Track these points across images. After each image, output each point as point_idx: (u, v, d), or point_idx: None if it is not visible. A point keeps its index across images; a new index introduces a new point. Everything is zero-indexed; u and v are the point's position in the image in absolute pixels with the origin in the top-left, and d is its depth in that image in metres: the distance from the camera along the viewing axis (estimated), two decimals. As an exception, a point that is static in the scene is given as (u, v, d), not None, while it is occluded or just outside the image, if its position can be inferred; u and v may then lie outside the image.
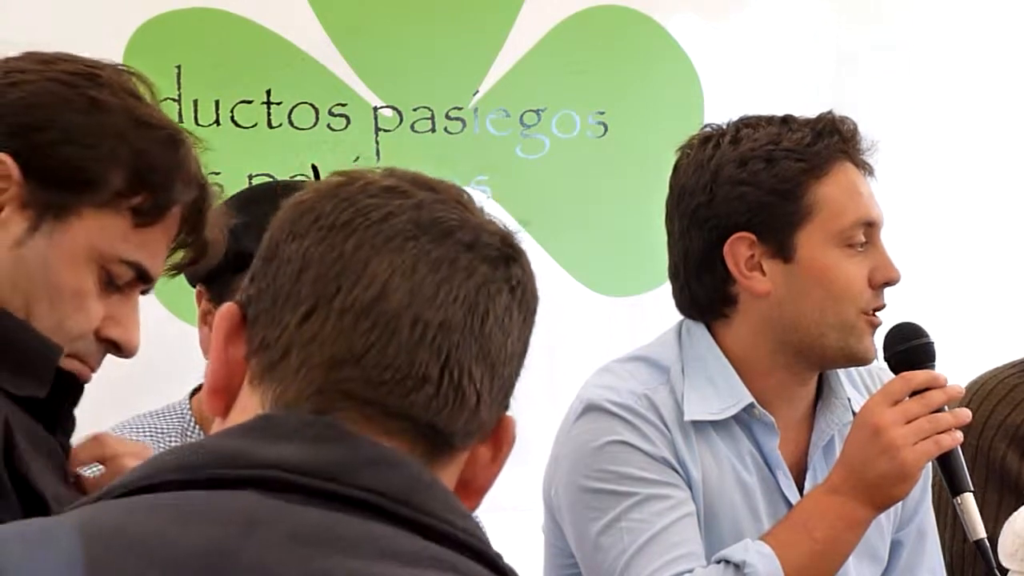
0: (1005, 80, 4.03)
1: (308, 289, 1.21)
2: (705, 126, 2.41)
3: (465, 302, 1.22)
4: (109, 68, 1.76)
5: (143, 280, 1.74)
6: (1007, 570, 2.05)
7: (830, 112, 2.39)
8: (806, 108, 2.45)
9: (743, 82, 3.75)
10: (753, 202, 2.32)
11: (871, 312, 2.33)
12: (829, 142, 2.34)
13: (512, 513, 2.55)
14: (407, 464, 1.20)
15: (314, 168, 2.43)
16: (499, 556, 1.21)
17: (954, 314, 3.79)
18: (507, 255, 1.25)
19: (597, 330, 3.61)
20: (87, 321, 1.70)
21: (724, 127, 2.38)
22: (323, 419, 1.19)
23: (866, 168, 2.38)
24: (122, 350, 1.73)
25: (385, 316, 1.20)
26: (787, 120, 2.37)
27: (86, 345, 1.71)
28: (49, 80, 1.70)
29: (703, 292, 2.37)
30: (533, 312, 1.28)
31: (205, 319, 2.17)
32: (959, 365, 3.12)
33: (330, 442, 1.18)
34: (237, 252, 2.09)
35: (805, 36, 3.87)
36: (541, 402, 2.46)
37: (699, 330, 2.38)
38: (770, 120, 2.37)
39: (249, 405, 1.23)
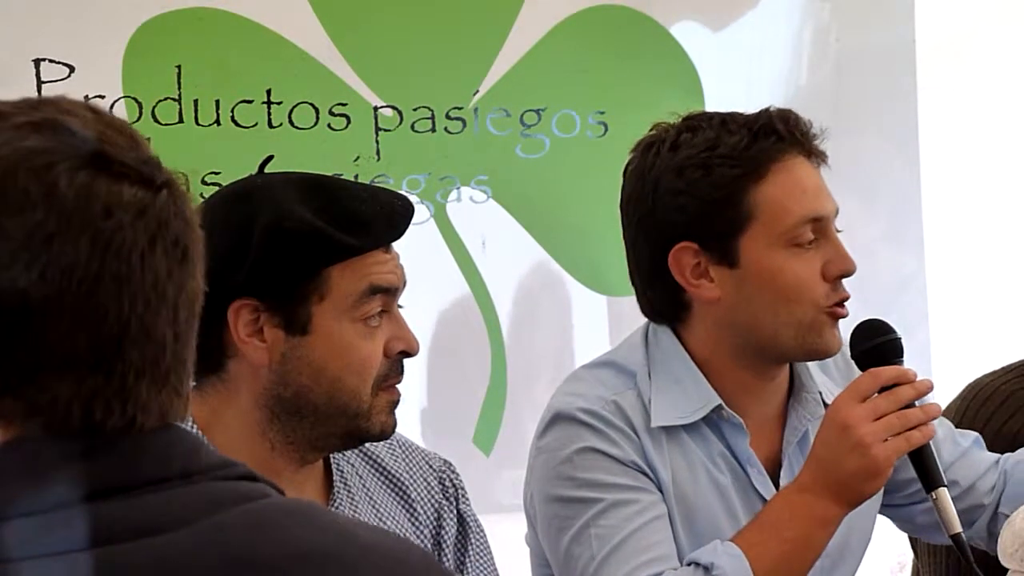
0: (1006, 80, 4.03)
1: None
2: (651, 128, 2.39)
3: None
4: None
5: None
6: (989, 566, 2.05)
7: (768, 109, 2.35)
8: (806, 109, 2.44)
9: (743, 82, 3.75)
10: (693, 212, 2.29)
11: (833, 305, 2.30)
12: (765, 144, 2.30)
13: (512, 513, 2.55)
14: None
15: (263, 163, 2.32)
16: None
17: (954, 314, 3.80)
18: None
19: (597, 330, 3.61)
20: None
21: (668, 130, 2.35)
22: None
23: (817, 157, 2.34)
24: None
25: None
26: (726, 121, 2.33)
27: None
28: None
29: (658, 299, 2.37)
30: None
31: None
32: (959, 365, 3.12)
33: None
34: (238, 252, 2.09)
35: (805, 37, 3.86)
36: (542, 402, 2.46)
37: (665, 333, 2.37)
38: (710, 121, 2.33)
39: None
